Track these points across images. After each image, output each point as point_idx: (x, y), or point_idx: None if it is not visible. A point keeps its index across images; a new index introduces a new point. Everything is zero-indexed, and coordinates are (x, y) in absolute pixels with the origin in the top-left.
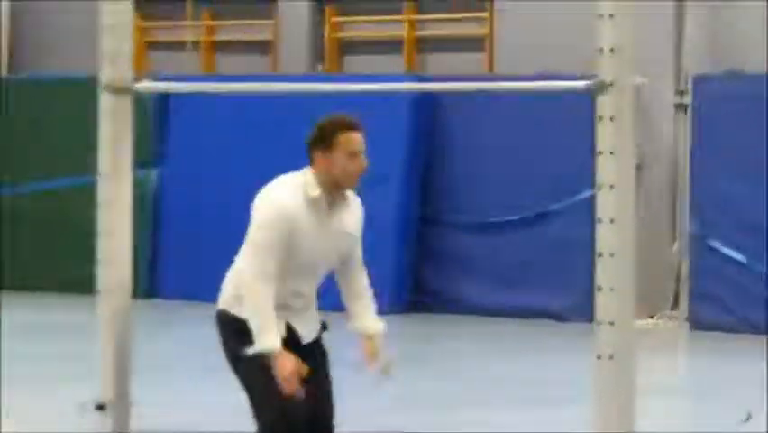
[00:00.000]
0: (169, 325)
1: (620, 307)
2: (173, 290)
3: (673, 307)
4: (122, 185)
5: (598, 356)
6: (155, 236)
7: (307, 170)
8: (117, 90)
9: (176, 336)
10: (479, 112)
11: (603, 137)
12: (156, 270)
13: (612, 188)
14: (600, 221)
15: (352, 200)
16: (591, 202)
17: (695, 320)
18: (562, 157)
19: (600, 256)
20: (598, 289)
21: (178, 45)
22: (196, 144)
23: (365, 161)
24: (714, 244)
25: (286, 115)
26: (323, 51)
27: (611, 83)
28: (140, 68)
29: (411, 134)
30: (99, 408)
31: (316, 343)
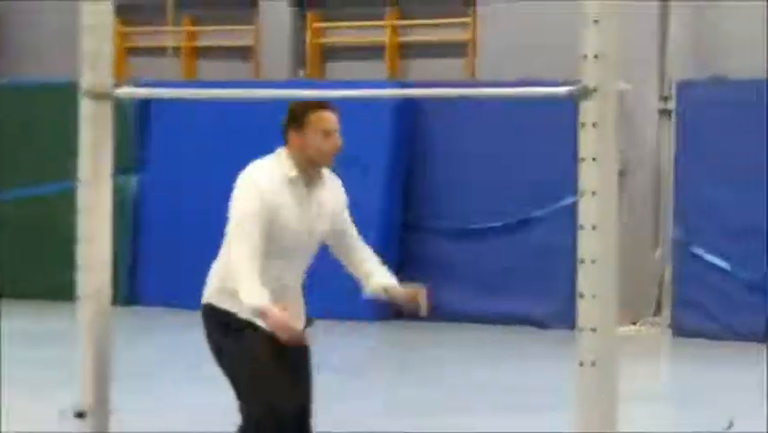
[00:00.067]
0: (150, 331)
1: (602, 313)
2: (153, 297)
3: (656, 313)
4: (102, 191)
5: (581, 363)
6: (135, 243)
7: (281, 151)
8: (98, 96)
9: (156, 342)
10: (461, 118)
11: (586, 143)
12: (136, 276)
13: (594, 195)
14: (582, 228)
15: (330, 179)
16: (574, 209)
17: (678, 327)
18: (544, 163)
19: (582, 263)
20: (581, 295)
21: (159, 51)
22: (176, 150)
23: (339, 140)
24: (697, 250)
25: (267, 121)
26: (304, 57)
27: (595, 88)
28: (120, 73)
29: (393, 141)
30: (79, 415)
31: None
